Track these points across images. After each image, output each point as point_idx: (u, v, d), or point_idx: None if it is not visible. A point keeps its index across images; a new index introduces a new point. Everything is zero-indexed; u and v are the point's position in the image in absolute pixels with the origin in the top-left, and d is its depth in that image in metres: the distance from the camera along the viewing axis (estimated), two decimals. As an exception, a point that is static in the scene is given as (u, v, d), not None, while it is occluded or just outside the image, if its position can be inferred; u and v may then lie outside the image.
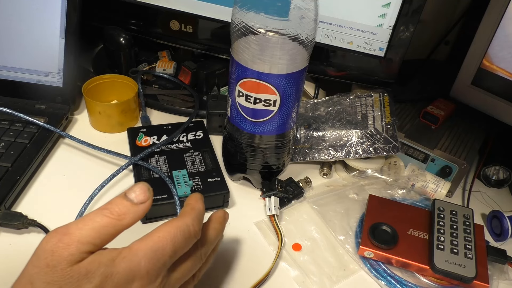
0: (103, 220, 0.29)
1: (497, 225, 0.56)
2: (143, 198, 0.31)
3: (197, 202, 0.36)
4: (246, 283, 0.46)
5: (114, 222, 0.29)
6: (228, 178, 0.57)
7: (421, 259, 0.48)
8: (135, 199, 0.31)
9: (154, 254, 0.30)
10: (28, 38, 0.61)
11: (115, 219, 0.29)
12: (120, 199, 0.31)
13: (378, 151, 0.58)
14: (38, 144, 0.57)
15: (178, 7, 0.65)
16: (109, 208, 0.30)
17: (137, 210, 0.30)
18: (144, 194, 0.31)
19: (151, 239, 0.31)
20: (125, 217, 0.30)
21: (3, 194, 0.49)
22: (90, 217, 0.30)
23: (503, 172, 0.64)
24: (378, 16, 0.59)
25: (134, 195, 0.31)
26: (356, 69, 0.64)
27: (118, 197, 0.31)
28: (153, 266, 0.30)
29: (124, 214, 0.30)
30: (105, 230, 0.29)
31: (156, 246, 0.30)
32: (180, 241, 0.32)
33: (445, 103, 0.67)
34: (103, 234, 0.29)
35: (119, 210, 0.30)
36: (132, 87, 0.65)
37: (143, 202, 0.31)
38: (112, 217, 0.29)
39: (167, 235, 0.31)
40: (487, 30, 0.57)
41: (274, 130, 0.50)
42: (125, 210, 0.30)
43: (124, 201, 0.30)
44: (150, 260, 0.30)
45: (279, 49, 0.44)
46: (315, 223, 0.54)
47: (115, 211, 0.30)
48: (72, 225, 0.29)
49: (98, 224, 0.29)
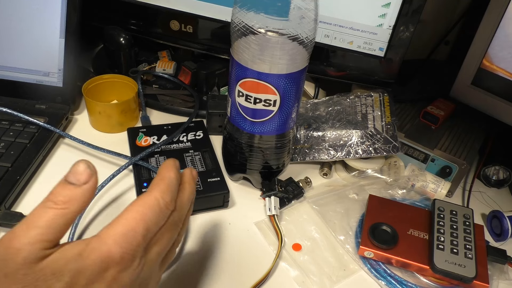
0: (48, 213, 0.27)
1: (497, 225, 0.56)
2: (86, 177, 0.28)
3: (168, 170, 0.33)
4: (246, 283, 0.46)
5: (61, 212, 0.27)
6: (228, 178, 0.57)
7: (421, 259, 0.48)
8: (77, 182, 0.28)
9: (125, 238, 0.28)
10: (28, 38, 0.61)
11: (61, 208, 0.27)
12: (61, 186, 0.28)
13: (378, 151, 0.58)
14: (38, 144, 0.57)
15: (178, 7, 0.65)
16: (52, 198, 0.28)
17: (82, 193, 0.28)
18: (86, 173, 0.28)
19: (120, 223, 0.28)
20: (72, 203, 0.27)
21: (3, 194, 0.49)
22: (34, 213, 0.27)
23: (503, 172, 0.64)
24: (378, 16, 0.59)
25: (74, 177, 0.28)
26: (356, 69, 0.64)
27: (59, 184, 0.28)
28: (126, 250, 0.28)
29: (69, 200, 0.27)
30: (54, 223, 0.27)
31: (126, 229, 0.28)
32: (151, 217, 0.30)
33: (445, 103, 0.67)
34: (53, 227, 0.27)
35: (63, 198, 0.27)
36: (132, 87, 0.65)
37: (87, 182, 0.28)
38: (57, 207, 0.27)
39: (135, 215, 0.29)
40: (487, 30, 0.57)
41: (274, 130, 0.50)
42: (69, 196, 0.27)
43: (66, 187, 0.28)
44: (122, 244, 0.28)
45: (279, 49, 0.44)
46: (315, 223, 0.54)
47: (59, 200, 0.27)
48: (17, 228, 0.27)
49: (45, 219, 0.27)
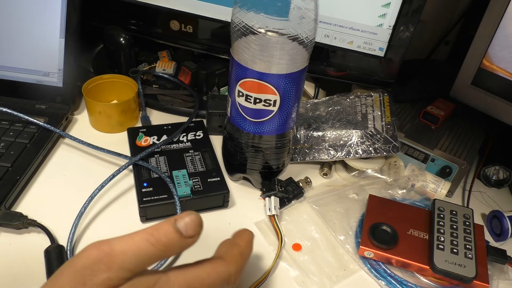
0: (148, 249, 0.27)
1: (497, 225, 0.56)
2: (193, 232, 0.29)
3: (248, 245, 0.34)
4: (246, 283, 0.46)
5: (158, 254, 0.28)
6: (228, 178, 0.57)
7: (421, 259, 0.48)
8: (185, 232, 0.29)
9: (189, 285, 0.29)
10: (28, 38, 0.61)
11: (160, 250, 0.28)
12: (168, 227, 0.28)
13: (378, 151, 0.58)
14: (38, 144, 0.57)
15: (178, 7, 0.65)
16: (156, 235, 0.28)
17: (183, 245, 0.29)
18: (195, 228, 0.29)
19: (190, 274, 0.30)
20: (170, 250, 0.28)
21: (3, 194, 0.49)
22: (135, 240, 0.28)
23: (503, 172, 0.64)
24: (378, 16, 0.59)
25: (184, 226, 0.29)
26: (356, 69, 0.64)
27: (166, 224, 0.29)
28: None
29: (169, 246, 0.28)
30: (147, 259, 0.28)
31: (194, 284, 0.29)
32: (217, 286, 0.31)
33: (445, 103, 0.67)
34: (144, 262, 0.28)
35: (166, 241, 0.28)
36: (132, 87, 0.65)
37: (192, 237, 0.29)
38: (157, 247, 0.28)
39: (206, 277, 0.30)
40: (487, 30, 0.57)
41: (274, 130, 0.50)
42: (172, 243, 0.28)
43: (173, 232, 0.28)
44: None
45: (279, 49, 0.44)
46: (315, 223, 0.54)
47: (162, 241, 0.28)
48: (116, 245, 0.27)
49: (143, 252, 0.27)
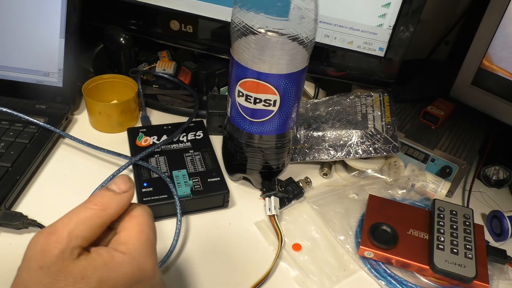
0: (87, 212, 0.29)
1: (497, 225, 0.56)
2: (125, 187, 0.31)
3: None
4: (246, 283, 0.46)
5: (99, 213, 0.29)
6: (228, 178, 0.57)
7: (421, 259, 0.48)
8: (117, 189, 0.31)
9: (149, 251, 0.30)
10: (28, 38, 0.61)
11: (99, 209, 0.29)
12: (102, 191, 0.31)
13: (378, 151, 0.58)
14: (38, 144, 0.57)
15: (178, 7, 0.65)
16: (92, 200, 0.30)
17: (120, 199, 0.30)
18: (125, 183, 0.31)
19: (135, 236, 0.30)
20: (109, 206, 0.30)
21: (3, 194, 0.49)
22: (74, 211, 0.29)
23: (503, 172, 0.64)
24: (378, 16, 0.59)
25: (116, 185, 0.31)
26: (356, 69, 0.64)
27: (100, 190, 0.31)
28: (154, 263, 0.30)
29: (107, 203, 0.30)
30: (91, 222, 0.29)
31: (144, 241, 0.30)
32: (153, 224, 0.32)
33: (445, 103, 0.67)
34: (90, 226, 0.29)
35: (102, 201, 0.30)
36: (132, 87, 0.65)
37: (126, 191, 0.31)
38: (96, 208, 0.29)
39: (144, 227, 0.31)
40: (487, 30, 0.57)
41: (274, 130, 0.50)
42: (108, 200, 0.30)
43: (106, 192, 0.30)
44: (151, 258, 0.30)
45: (279, 49, 0.44)
46: (315, 223, 0.54)
47: (99, 201, 0.30)
48: (58, 222, 0.29)
49: (84, 217, 0.29)
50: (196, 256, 0.49)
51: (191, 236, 0.51)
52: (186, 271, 0.47)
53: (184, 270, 0.47)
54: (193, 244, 0.50)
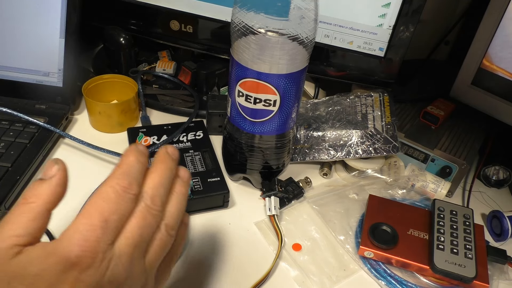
0: (19, 209, 0.28)
1: (497, 225, 0.56)
2: (51, 172, 0.29)
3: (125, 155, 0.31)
4: (246, 283, 0.46)
5: (30, 206, 0.28)
6: (228, 178, 0.57)
7: (421, 259, 0.48)
8: (45, 177, 0.29)
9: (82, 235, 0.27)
10: (28, 38, 0.61)
11: (30, 202, 0.28)
12: (32, 184, 0.29)
13: (378, 151, 0.58)
14: (38, 144, 0.57)
15: (178, 7, 0.65)
16: (23, 195, 0.28)
17: (49, 185, 0.28)
18: (51, 167, 0.29)
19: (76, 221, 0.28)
20: (39, 196, 0.28)
21: (3, 194, 0.49)
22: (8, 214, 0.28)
23: (503, 172, 0.64)
24: (378, 16, 0.59)
25: (44, 174, 0.29)
26: (356, 69, 0.64)
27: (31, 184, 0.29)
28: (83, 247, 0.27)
29: (36, 194, 0.28)
30: (24, 218, 0.27)
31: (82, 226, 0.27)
32: (107, 207, 0.28)
33: (445, 103, 0.67)
34: (23, 221, 0.27)
35: (31, 193, 0.28)
36: (132, 87, 0.65)
37: (53, 175, 0.29)
38: (26, 202, 0.28)
39: (89, 208, 0.28)
40: (487, 30, 0.57)
41: (274, 130, 0.50)
42: (37, 191, 0.28)
43: (35, 184, 0.29)
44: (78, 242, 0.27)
45: (279, 49, 0.44)
46: (315, 223, 0.54)
47: (27, 195, 0.28)
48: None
49: (15, 214, 0.28)
50: (196, 256, 0.49)
51: (191, 236, 0.51)
52: (186, 271, 0.47)
53: (184, 270, 0.47)
54: (193, 244, 0.50)
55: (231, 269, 0.48)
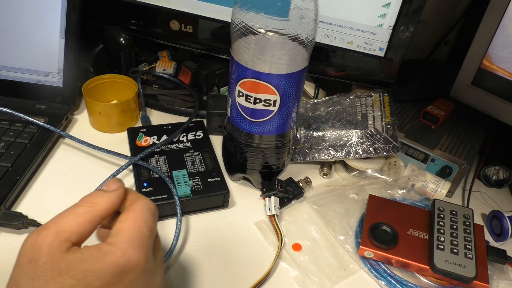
0: (77, 209, 0.31)
1: (497, 225, 0.56)
2: (114, 186, 0.33)
3: None
4: (246, 283, 0.46)
5: (88, 209, 0.31)
6: (228, 178, 0.57)
7: (421, 259, 0.48)
8: (107, 188, 0.32)
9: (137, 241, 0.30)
10: (28, 38, 0.61)
11: (89, 206, 0.31)
12: (93, 192, 0.33)
13: (378, 151, 0.58)
14: (38, 144, 0.57)
15: (178, 7, 0.65)
16: (84, 199, 0.32)
17: (109, 196, 0.32)
18: (115, 183, 0.33)
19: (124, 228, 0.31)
20: (99, 203, 0.31)
21: (3, 194, 0.49)
22: (64, 211, 0.31)
23: (503, 172, 0.64)
24: (378, 16, 0.59)
25: (106, 186, 0.33)
26: (356, 69, 0.64)
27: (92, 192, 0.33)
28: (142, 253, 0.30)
29: (97, 201, 0.31)
30: (81, 218, 0.30)
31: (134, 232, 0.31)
32: (150, 219, 0.32)
33: (445, 103, 0.67)
34: (78, 221, 0.30)
35: (92, 198, 0.31)
36: (132, 87, 0.65)
37: (115, 190, 0.32)
38: (86, 205, 0.31)
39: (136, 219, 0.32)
40: (487, 30, 0.57)
41: (274, 130, 0.50)
42: (97, 197, 0.32)
43: (96, 192, 0.32)
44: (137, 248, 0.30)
45: (279, 49, 0.44)
46: (315, 223, 0.54)
47: (89, 199, 0.31)
48: (49, 221, 0.30)
49: (73, 213, 0.30)
50: (196, 256, 0.48)
51: (191, 236, 0.51)
52: (186, 271, 0.47)
53: (184, 270, 0.47)
54: (193, 244, 0.50)
55: (231, 269, 0.48)
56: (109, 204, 0.32)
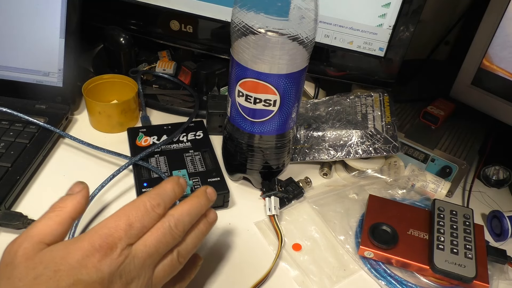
0: (48, 215, 0.33)
1: (497, 225, 0.56)
2: (78, 188, 0.35)
3: (165, 181, 0.37)
4: (246, 283, 0.46)
5: (57, 212, 0.33)
6: (228, 178, 0.57)
7: (421, 259, 0.48)
8: (71, 192, 0.35)
9: (107, 230, 0.32)
10: (28, 38, 0.61)
11: (58, 210, 0.33)
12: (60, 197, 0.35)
13: (378, 151, 0.58)
14: (38, 144, 0.57)
15: (178, 7, 0.65)
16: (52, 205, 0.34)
17: (74, 197, 0.34)
18: (78, 186, 0.35)
19: (105, 220, 0.33)
20: (66, 206, 0.34)
21: (3, 194, 0.49)
22: (37, 220, 0.33)
23: (503, 172, 0.64)
24: (378, 16, 0.59)
25: (70, 191, 0.35)
26: (356, 69, 0.64)
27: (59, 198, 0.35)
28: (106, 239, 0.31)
29: (64, 204, 0.34)
30: (51, 221, 0.33)
31: (110, 223, 0.32)
32: (134, 215, 0.33)
33: (445, 103, 0.67)
34: (50, 224, 0.32)
35: (60, 203, 0.34)
36: (132, 87, 0.65)
37: (79, 191, 0.35)
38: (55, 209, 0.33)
39: (119, 212, 0.33)
40: (487, 30, 0.57)
41: (274, 130, 0.50)
42: (64, 201, 0.34)
43: (63, 197, 0.35)
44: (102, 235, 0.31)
45: (279, 49, 0.44)
46: (315, 223, 0.54)
47: (57, 205, 0.34)
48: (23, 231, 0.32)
49: (44, 218, 0.33)
50: (196, 256, 0.48)
51: (191, 236, 0.51)
52: (186, 271, 0.47)
53: (184, 270, 0.47)
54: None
55: (231, 269, 0.48)
56: (75, 204, 0.34)
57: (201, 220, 0.38)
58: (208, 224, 0.39)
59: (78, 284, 0.29)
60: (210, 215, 0.39)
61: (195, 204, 0.37)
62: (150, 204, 0.34)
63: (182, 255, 0.36)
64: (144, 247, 0.33)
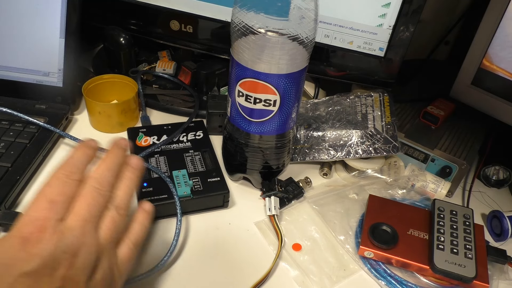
0: None
1: (497, 225, 0.56)
2: None
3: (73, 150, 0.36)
4: (246, 283, 0.46)
5: None
6: (228, 178, 0.57)
7: (421, 259, 0.48)
8: None
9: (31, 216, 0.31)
10: (28, 38, 0.61)
11: None
12: None
13: (378, 151, 0.58)
14: (38, 144, 0.57)
15: (178, 7, 0.65)
16: None
17: None
18: None
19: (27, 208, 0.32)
20: None
21: (3, 194, 0.49)
22: None
23: (503, 172, 0.64)
24: (378, 16, 0.59)
25: None
26: (356, 69, 0.64)
27: None
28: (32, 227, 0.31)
29: None
30: None
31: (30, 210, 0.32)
32: (51, 190, 0.33)
33: (445, 103, 0.67)
34: None
35: None
36: (132, 87, 0.65)
37: None
38: None
39: (37, 195, 0.33)
40: (487, 30, 0.57)
41: (274, 130, 0.50)
42: None
43: None
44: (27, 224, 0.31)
45: (279, 49, 0.44)
46: (315, 223, 0.54)
47: None
48: None
49: None
50: (196, 256, 0.49)
51: (191, 236, 0.51)
52: (186, 271, 0.47)
53: (184, 270, 0.47)
54: (193, 244, 0.50)
55: (231, 269, 0.48)
56: None
57: (125, 169, 0.38)
58: (133, 170, 0.38)
59: (24, 277, 0.29)
60: (131, 161, 0.38)
61: (110, 158, 0.37)
62: (64, 174, 0.34)
63: (120, 207, 0.36)
64: (76, 215, 0.33)
